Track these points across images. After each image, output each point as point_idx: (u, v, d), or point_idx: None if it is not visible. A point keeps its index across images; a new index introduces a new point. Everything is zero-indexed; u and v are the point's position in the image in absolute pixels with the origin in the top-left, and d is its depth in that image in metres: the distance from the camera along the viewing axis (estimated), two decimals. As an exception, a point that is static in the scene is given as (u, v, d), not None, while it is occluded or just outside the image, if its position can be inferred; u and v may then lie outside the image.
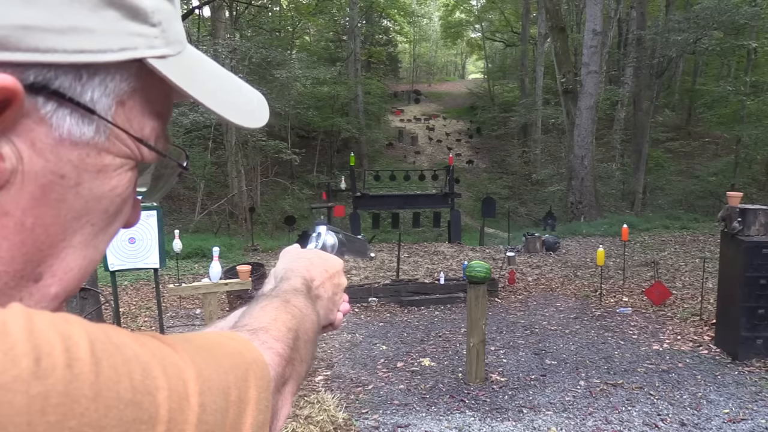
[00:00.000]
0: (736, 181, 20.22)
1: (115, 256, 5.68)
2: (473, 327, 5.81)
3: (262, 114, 0.57)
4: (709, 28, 16.86)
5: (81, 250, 0.45)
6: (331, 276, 0.81)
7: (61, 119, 0.41)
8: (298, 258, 0.82)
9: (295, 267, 0.79)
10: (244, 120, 0.54)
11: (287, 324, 0.62)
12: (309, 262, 0.81)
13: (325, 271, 0.81)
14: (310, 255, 0.83)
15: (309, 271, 0.79)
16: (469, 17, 39.89)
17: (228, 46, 17.41)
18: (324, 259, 0.83)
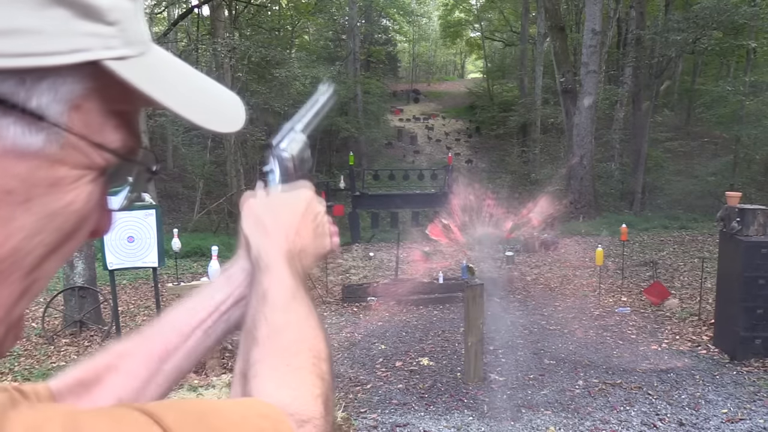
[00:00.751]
0: (735, 181, 20.21)
1: (114, 255, 5.68)
2: (471, 326, 5.81)
3: (237, 117, 0.54)
4: (708, 28, 16.86)
5: (31, 273, 0.42)
6: (304, 215, 0.72)
7: (3, 129, 0.38)
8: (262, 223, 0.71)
9: (267, 239, 0.69)
10: (217, 124, 0.50)
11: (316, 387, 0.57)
12: (275, 219, 0.71)
13: (295, 214, 0.72)
14: (273, 206, 0.72)
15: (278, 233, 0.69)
16: (469, 17, 39.85)
17: (227, 45, 17.39)
18: (288, 202, 0.73)
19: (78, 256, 7.66)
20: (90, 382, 0.67)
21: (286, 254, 0.68)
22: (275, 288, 0.64)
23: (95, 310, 7.82)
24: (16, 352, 6.84)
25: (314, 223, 0.74)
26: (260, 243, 0.69)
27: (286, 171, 0.77)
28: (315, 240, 0.73)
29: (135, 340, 0.71)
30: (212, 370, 5.61)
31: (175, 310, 0.74)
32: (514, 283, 10.12)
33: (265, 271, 0.66)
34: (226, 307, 0.74)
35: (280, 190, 0.76)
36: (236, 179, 19.17)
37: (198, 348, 0.72)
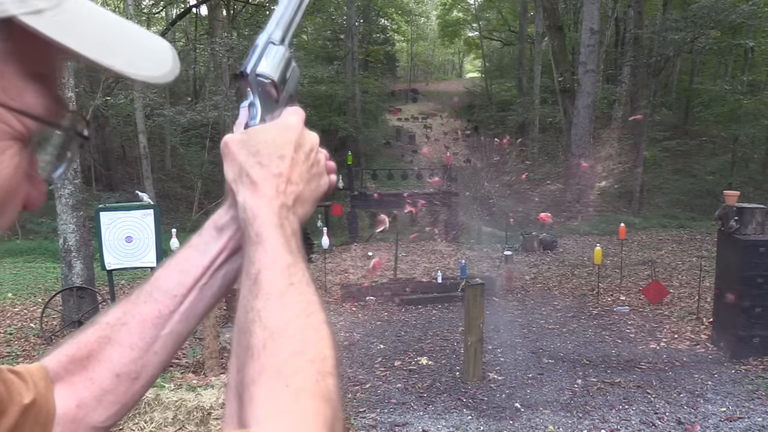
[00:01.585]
0: (733, 180, 20.23)
1: (113, 256, 5.67)
2: (471, 326, 5.81)
3: (171, 67, 0.50)
4: (706, 27, 16.87)
5: None
6: (294, 154, 0.61)
7: None
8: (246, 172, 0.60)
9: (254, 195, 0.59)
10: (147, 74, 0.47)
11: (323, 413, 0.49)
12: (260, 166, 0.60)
13: (284, 156, 0.60)
14: (257, 149, 0.61)
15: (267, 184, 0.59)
16: (467, 16, 39.84)
17: (225, 45, 17.38)
18: (274, 141, 0.61)
19: (76, 256, 7.65)
20: (84, 358, 0.64)
21: (278, 212, 0.58)
22: (269, 270, 0.55)
23: (93, 310, 7.80)
24: (15, 352, 6.83)
25: (308, 162, 0.63)
26: (247, 201, 0.59)
27: (269, 99, 0.64)
28: (310, 182, 0.63)
29: (124, 307, 0.67)
30: (211, 371, 5.61)
31: (164, 270, 0.67)
32: (512, 283, 10.13)
33: (256, 243, 0.57)
34: (221, 260, 0.67)
35: (264, 122, 0.64)
36: (235, 179, 19.12)
37: (195, 309, 0.67)
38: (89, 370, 0.63)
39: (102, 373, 0.63)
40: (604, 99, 22.61)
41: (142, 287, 0.67)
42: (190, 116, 17.37)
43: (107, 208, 5.88)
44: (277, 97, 0.65)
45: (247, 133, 0.63)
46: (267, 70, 0.64)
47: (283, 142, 0.61)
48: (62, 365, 0.64)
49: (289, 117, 0.64)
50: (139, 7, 22.03)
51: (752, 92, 21.87)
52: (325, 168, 0.66)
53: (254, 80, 0.64)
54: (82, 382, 0.63)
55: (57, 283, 9.30)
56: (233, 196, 0.63)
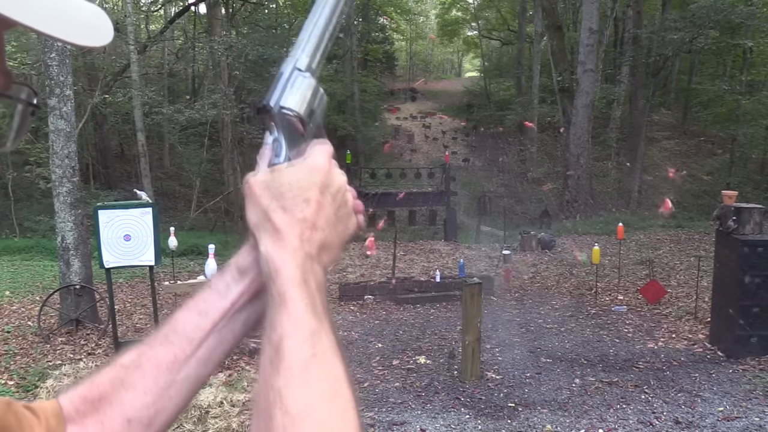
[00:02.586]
0: (731, 180, 20.26)
1: (111, 254, 5.66)
2: (468, 325, 5.82)
3: (104, 31, 0.49)
4: (705, 27, 16.88)
5: None
6: (320, 197, 0.58)
7: None
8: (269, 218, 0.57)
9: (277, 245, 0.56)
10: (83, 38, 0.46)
11: None
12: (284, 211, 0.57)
13: (309, 200, 0.57)
14: (281, 192, 0.57)
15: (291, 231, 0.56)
16: (466, 15, 39.84)
17: (224, 44, 17.35)
18: (299, 182, 0.58)
19: (74, 254, 7.64)
20: (96, 399, 0.62)
21: (302, 265, 0.55)
22: (291, 338, 0.52)
23: (91, 308, 7.80)
24: (12, 351, 6.83)
25: (335, 204, 0.59)
26: (269, 250, 0.56)
27: (294, 134, 0.60)
28: (337, 226, 0.59)
29: (141, 350, 0.64)
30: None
31: (183, 312, 0.65)
32: (511, 282, 10.13)
33: (279, 304, 0.53)
34: (242, 304, 0.64)
35: (289, 162, 0.60)
36: (233, 178, 19.14)
37: (213, 353, 0.64)
38: (100, 412, 0.61)
39: (113, 417, 0.61)
40: (602, 99, 22.62)
41: (160, 328, 0.65)
42: (188, 114, 17.34)
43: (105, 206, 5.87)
44: (303, 132, 0.61)
45: (271, 173, 0.59)
46: (293, 102, 0.60)
47: (309, 184, 0.58)
48: (75, 405, 0.62)
49: (315, 155, 0.60)
50: (138, 5, 22.00)
51: (751, 92, 21.89)
52: (352, 209, 0.63)
53: (279, 114, 0.59)
54: (93, 425, 0.61)
55: (55, 281, 9.29)
56: (255, 240, 0.60)
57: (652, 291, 8.49)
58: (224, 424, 4.47)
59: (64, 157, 7.51)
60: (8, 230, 15.75)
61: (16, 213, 16.03)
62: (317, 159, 0.59)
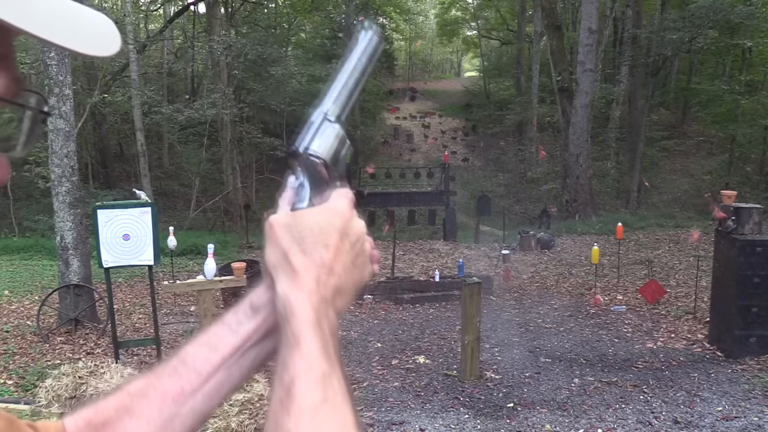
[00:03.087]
0: (731, 179, 20.27)
1: (110, 253, 5.66)
2: (468, 324, 5.82)
3: (111, 40, 0.49)
4: (704, 27, 16.88)
5: None
6: (340, 243, 0.59)
7: None
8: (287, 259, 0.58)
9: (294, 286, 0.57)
10: (92, 48, 0.47)
11: None
12: (303, 254, 0.58)
13: (328, 244, 0.58)
14: (301, 235, 0.59)
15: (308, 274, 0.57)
16: (465, 15, 39.85)
17: (223, 43, 17.35)
18: (320, 227, 0.59)
19: (73, 254, 7.64)
20: (100, 425, 0.61)
21: (316, 308, 0.55)
22: (303, 380, 0.52)
23: (90, 308, 7.80)
24: (11, 350, 6.82)
25: (353, 252, 0.60)
26: (286, 291, 0.56)
27: (319, 179, 0.62)
28: (353, 273, 0.60)
29: (148, 379, 0.64)
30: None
31: (193, 345, 0.65)
32: (510, 282, 10.14)
33: (293, 345, 0.54)
34: (253, 341, 0.64)
35: (311, 205, 0.62)
36: (232, 177, 19.14)
37: (220, 389, 0.64)
38: None
39: None
40: (602, 98, 22.62)
41: (170, 359, 0.65)
42: (187, 114, 17.34)
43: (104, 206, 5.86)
44: (327, 178, 0.62)
45: (293, 216, 0.61)
46: (320, 149, 0.62)
47: (330, 230, 0.59)
48: (79, 428, 0.62)
49: (338, 201, 0.61)
50: (137, 4, 21.99)
51: (750, 92, 21.90)
52: (369, 257, 0.64)
53: (306, 159, 0.62)
54: None
55: (54, 280, 9.28)
56: (271, 280, 0.60)
57: (651, 291, 8.49)
58: (223, 424, 4.47)
59: (63, 156, 7.50)
60: (7, 230, 15.74)
61: (15, 212, 16.02)
62: (339, 206, 0.61)
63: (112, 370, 5.02)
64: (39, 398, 4.84)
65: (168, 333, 7.59)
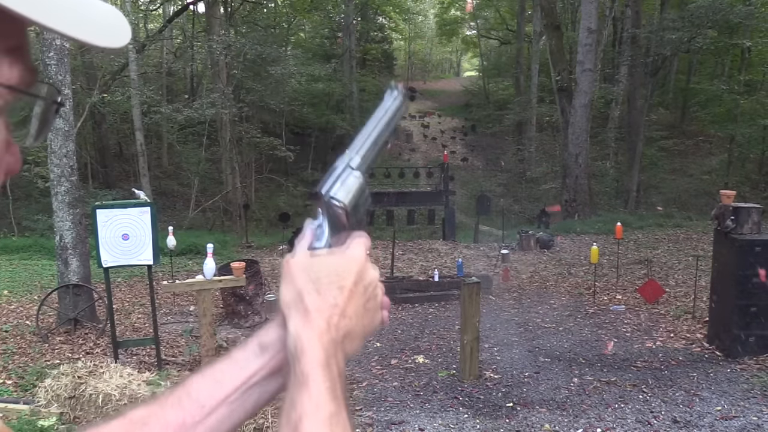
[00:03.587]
0: (729, 179, 20.28)
1: (109, 253, 5.65)
2: (467, 324, 5.82)
3: (121, 31, 0.50)
4: (703, 27, 16.89)
5: None
6: (354, 288, 0.61)
7: None
8: (302, 299, 0.60)
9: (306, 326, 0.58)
10: (102, 40, 0.48)
11: None
12: (318, 295, 0.59)
13: (343, 288, 0.60)
14: (317, 276, 0.60)
15: (320, 315, 0.58)
16: (464, 15, 39.86)
17: (223, 43, 17.34)
18: (336, 271, 0.61)
19: (73, 253, 7.64)
20: None
21: (327, 348, 0.56)
22: (310, 419, 0.53)
23: (90, 307, 7.80)
24: (10, 350, 6.82)
25: (365, 297, 0.62)
26: (298, 329, 0.58)
27: (338, 224, 0.64)
28: (363, 318, 0.62)
29: (151, 408, 0.64)
30: (207, 368, 5.60)
31: (199, 377, 0.65)
32: (509, 281, 10.14)
33: (302, 383, 0.54)
34: (258, 379, 0.64)
35: (329, 248, 0.64)
36: (231, 177, 19.13)
37: (222, 424, 0.63)
38: None
39: None
40: (601, 98, 22.63)
41: (175, 388, 0.65)
42: (187, 114, 17.33)
43: (104, 206, 5.86)
44: (346, 223, 0.65)
45: (311, 257, 0.62)
46: (341, 195, 0.64)
47: (345, 273, 0.61)
48: None
49: (355, 246, 0.63)
50: (137, 4, 21.98)
51: (749, 92, 21.92)
52: (380, 305, 0.65)
53: (328, 203, 0.64)
54: None
55: (53, 280, 9.27)
56: (283, 318, 0.61)
57: (650, 290, 8.50)
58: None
59: (62, 156, 7.50)
60: (6, 229, 15.73)
61: (14, 212, 16.01)
62: (356, 251, 0.63)
63: (112, 370, 5.02)
64: (38, 398, 4.84)
65: (167, 333, 7.59)
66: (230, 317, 8.08)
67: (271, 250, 13.73)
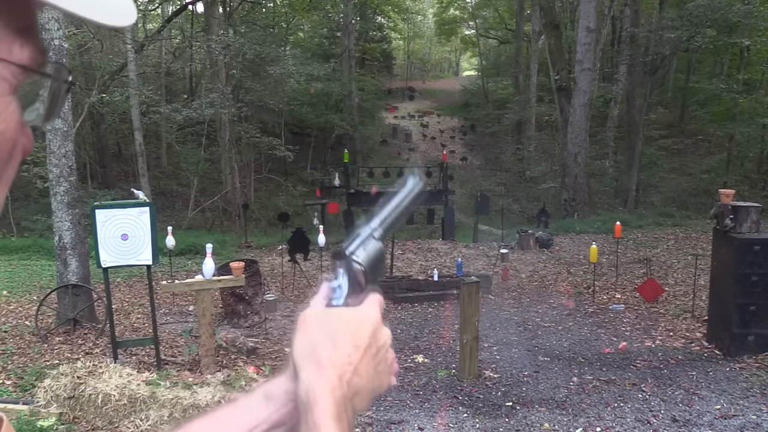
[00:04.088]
0: (729, 178, 20.29)
1: (108, 253, 5.65)
2: (466, 324, 5.82)
3: (127, 11, 0.50)
4: (702, 26, 16.89)
5: None
6: (367, 348, 0.62)
7: None
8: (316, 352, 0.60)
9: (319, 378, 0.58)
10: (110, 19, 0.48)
11: None
12: (332, 350, 0.60)
13: (357, 347, 0.61)
14: (333, 332, 0.62)
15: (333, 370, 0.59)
16: (464, 14, 39.86)
17: (221, 43, 17.33)
18: (351, 329, 0.62)
19: (72, 253, 7.63)
20: None
21: (339, 402, 0.57)
22: None
23: (89, 308, 7.79)
24: (10, 350, 6.81)
25: (377, 359, 0.63)
26: (310, 381, 0.58)
27: (356, 284, 0.68)
28: (374, 379, 0.62)
29: None
30: (207, 368, 5.61)
31: (202, 421, 0.65)
32: (508, 280, 10.14)
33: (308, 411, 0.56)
34: (260, 430, 0.64)
35: (346, 305, 0.66)
36: (230, 177, 19.13)
37: None
38: None
39: None
40: (600, 97, 22.64)
41: (178, 429, 0.65)
42: (186, 113, 17.31)
43: (103, 206, 5.86)
44: (363, 284, 0.68)
45: (328, 312, 0.64)
46: (363, 257, 0.69)
47: (361, 332, 0.62)
48: None
49: (371, 308, 0.65)
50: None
51: (748, 91, 21.92)
52: (390, 367, 0.66)
53: (349, 261, 0.68)
54: None
55: (52, 280, 9.27)
56: (294, 370, 0.62)
57: (649, 289, 8.50)
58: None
59: (61, 156, 7.49)
60: (5, 229, 15.72)
61: (13, 212, 16.00)
62: (373, 312, 0.64)
63: (111, 370, 5.02)
64: (37, 398, 4.84)
65: (166, 333, 7.59)
66: (229, 317, 8.08)
67: (270, 250, 13.73)
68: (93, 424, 4.64)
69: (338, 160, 21.85)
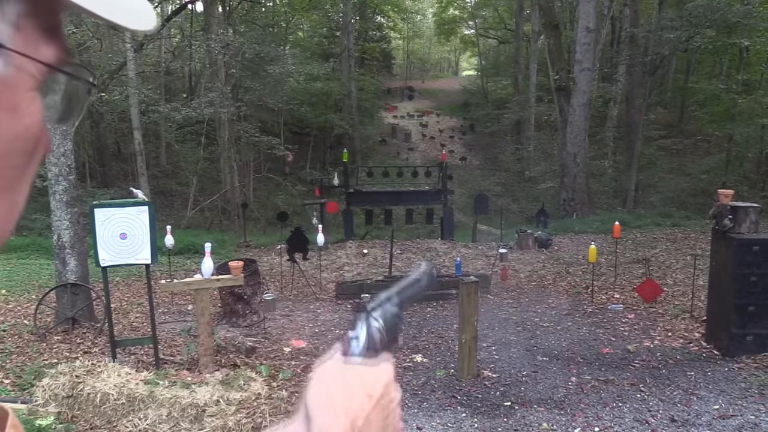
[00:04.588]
0: (728, 178, 20.31)
1: (107, 252, 5.65)
2: (465, 323, 5.82)
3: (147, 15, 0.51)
4: (701, 26, 16.90)
5: (6, 195, 0.43)
6: (379, 401, 0.64)
7: None
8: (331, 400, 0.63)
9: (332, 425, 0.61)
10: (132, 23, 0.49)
11: None
12: (347, 399, 0.63)
13: (370, 399, 0.64)
14: (348, 382, 0.65)
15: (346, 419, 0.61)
16: (463, 14, 39.86)
17: (221, 42, 17.32)
18: (365, 382, 0.65)
19: (70, 253, 7.63)
20: None
21: None
22: None
23: (88, 307, 7.79)
24: (8, 349, 6.81)
25: (385, 413, 0.65)
26: (325, 425, 0.61)
27: (372, 342, 0.72)
28: (383, 430, 0.65)
29: None
30: (205, 368, 5.60)
31: None
32: (507, 280, 10.15)
33: None
34: None
35: (361, 363, 0.69)
36: (230, 176, 19.12)
37: None
38: None
39: None
40: (599, 97, 22.65)
41: None
42: (185, 113, 17.31)
43: (102, 205, 5.85)
44: (378, 342, 0.72)
45: (345, 362, 0.67)
46: (381, 317, 0.74)
47: (375, 383, 0.65)
48: None
49: (385, 365, 0.68)
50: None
51: (747, 91, 21.93)
52: (397, 424, 0.68)
53: (369, 318, 0.74)
54: None
55: (51, 279, 9.26)
56: (306, 417, 0.64)
57: (648, 289, 8.51)
58: (221, 423, 4.47)
59: (60, 155, 7.49)
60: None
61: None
62: (387, 369, 0.68)
63: (110, 369, 5.02)
64: (36, 397, 4.84)
65: (165, 332, 7.59)
66: (228, 316, 8.08)
67: (269, 250, 13.73)
68: (91, 423, 4.64)
69: (337, 160, 21.85)
